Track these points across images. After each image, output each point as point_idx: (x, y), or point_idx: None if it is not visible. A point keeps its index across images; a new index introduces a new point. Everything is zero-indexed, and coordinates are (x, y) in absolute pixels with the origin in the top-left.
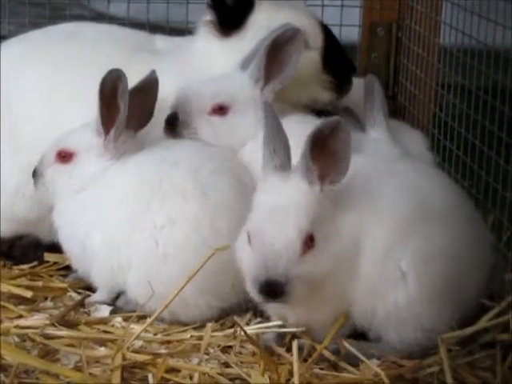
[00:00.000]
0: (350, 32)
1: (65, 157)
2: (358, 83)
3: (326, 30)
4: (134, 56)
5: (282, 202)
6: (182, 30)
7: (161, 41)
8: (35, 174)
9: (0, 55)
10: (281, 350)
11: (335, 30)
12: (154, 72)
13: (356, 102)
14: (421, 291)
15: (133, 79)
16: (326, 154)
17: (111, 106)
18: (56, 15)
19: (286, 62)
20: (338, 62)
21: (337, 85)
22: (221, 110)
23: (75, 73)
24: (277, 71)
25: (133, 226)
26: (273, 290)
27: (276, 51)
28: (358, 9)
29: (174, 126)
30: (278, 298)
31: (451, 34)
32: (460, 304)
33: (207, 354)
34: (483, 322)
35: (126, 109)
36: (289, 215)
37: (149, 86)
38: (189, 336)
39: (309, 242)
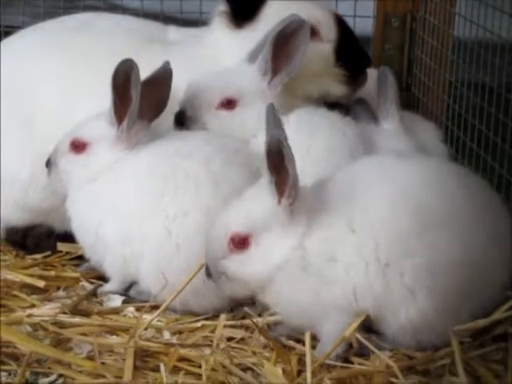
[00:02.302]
0: (364, 23)
1: (78, 146)
2: (372, 74)
3: (341, 23)
4: (147, 47)
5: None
6: (195, 21)
7: (174, 32)
8: (49, 163)
9: (15, 45)
10: (293, 342)
11: (349, 21)
12: (167, 63)
13: (370, 93)
14: (433, 304)
15: (144, 70)
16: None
17: (124, 97)
18: (70, 6)
19: (293, 54)
20: (352, 55)
21: (350, 78)
22: (229, 103)
23: (89, 63)
24: (284, 63)
25: (145, 217)
26: (206, 272)
27: (282, 43)
28: (373, 0)
29: (183, 122)
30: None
31: (465, 26)
32: (481, 302)
33: (219, 343)
34: (496, 315)
35: (138, 99)
36: (234, 213)
37: (162, 77)
38: (200, 325)
39: (240, 241)
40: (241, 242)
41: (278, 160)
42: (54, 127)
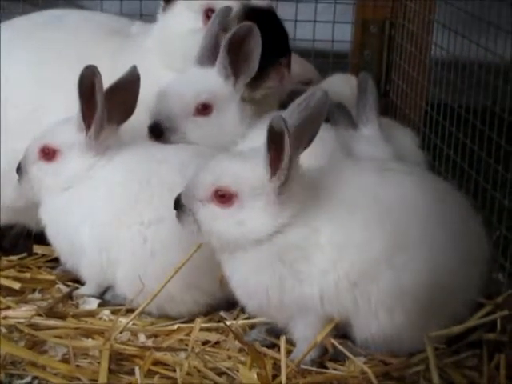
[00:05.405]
0: (343, 29)
1: (48, 154)
2: (349, 80)
3: (249, 13)
4: (108, 38)
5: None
6: None
7: (137, 27)
8: (19, 170)
9: None
10: (266, 349)
11: (328, 27)
12: (134, 67)
13: (348, 99)
14: (394, 324)
15: (103, 59)
16: None
17: (90, 103)
18: None
19: (249, 56)
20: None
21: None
22: (205, 109)
23: (56, 57)
24: (242, 66)
25: (121, 223)
26: (176, 203)
27: (237, 47)
28: (352, 6)
29: (160, 133)
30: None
31: (444, 34)
32: (448, 316)
33: (194, 347)
34: (471, 322)
35: (104, 104)
36: (228, 166)
37: (130, 81)
38: (176, 327)
39: (225, 196)
40: (224, 197)
41: (278, 140)
42: (26, 123)
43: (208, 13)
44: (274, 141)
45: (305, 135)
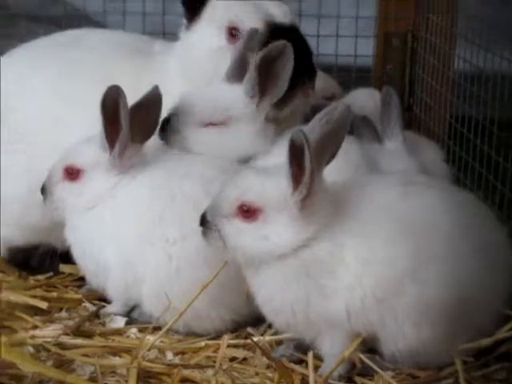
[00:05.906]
0: (365, 43)
1: (72, 174)
2: (372, 94)
3: (276, 33)
4: (130, 57)
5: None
6: None
7: (159, 45)
8: (44, 191)
9: (9, 61)
10: (293, 365)
11: (350, 41)
12: (156, 87)
13: (372, 112)
14: (421, 338)
15: (123, 79)
16: None
17: (114, 122)
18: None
19: (279, 77)
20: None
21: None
22: (218, 123)
23: (79, 77)
24: (270, 86)
25: (146, 241)
26: (202, 219)
27: (267, 67)
28: (374, 20)
29: (165, 129)
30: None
31: (466, 46)
32: (474, 329)
33: (221, 364)
34: (499, 334)
35: (128, 124)
36: (253, 180)
37: (152, 100)
38: (203, 344)
39: (249, 211)
40: (249, 212)
41: (299, 154)
42: (47, 143)
43: (231, 31)
44: (296, 155)
45: (327, 149)
